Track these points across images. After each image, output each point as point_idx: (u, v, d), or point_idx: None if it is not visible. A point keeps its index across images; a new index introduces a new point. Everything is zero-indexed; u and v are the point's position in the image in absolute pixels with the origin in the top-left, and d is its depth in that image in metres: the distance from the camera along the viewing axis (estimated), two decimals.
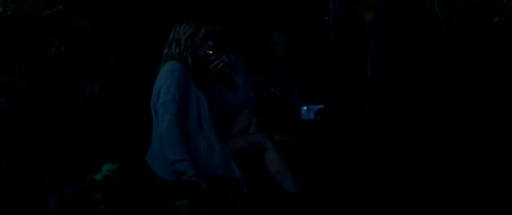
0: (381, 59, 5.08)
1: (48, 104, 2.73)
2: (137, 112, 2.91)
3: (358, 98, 5.65)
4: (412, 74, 5.25)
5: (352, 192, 2.22)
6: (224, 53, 2.20)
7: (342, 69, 5.95)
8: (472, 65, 4.67)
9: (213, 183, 1.60)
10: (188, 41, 2.14)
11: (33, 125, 2.62)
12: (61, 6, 2.55)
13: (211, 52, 2.17)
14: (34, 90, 2.13)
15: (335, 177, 2.54)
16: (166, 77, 2.04)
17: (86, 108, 2.84)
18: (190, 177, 1.82)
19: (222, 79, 2.31)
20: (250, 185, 1.95)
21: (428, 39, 5.65)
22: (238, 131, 2.21)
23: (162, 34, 2.29)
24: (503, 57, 4.77)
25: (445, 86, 4.83)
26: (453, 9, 4.79)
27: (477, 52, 4.63)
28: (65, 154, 2.56)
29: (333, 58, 6.09)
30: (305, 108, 17.36)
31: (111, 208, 1.26)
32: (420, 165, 2.62)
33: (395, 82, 4.98)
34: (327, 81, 6.25)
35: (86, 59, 3.01)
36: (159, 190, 1.39)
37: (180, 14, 3.38)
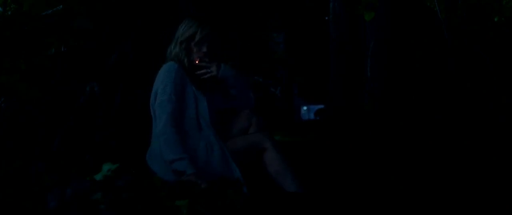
0: (381, 59, 5.08)
1: (48, 104, 2.73)
2: (137, 112, 2.91)
3: (358, 98, 5.65)
4: (412, 74, 5.25)
5: (352, 192, 2.22)
6: (215, 64, 2.19)
7: (342, 69, 5.96)
8: (472, 65, 4.68)
9: (213, 183, 1.60)
10: (183, 44, 2.15)
11: (33, 125, 2.62)
12: (61, 6, 2.55)
13: (197, 61, 2.16)
14: (34, 90, 2.13)
15: (335, 177, 2.54)
16: (162, 78, 2.06)
17: (86, 108, 2.84)
18: (189, 176, 1.82)
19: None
20: (250, 185, 1.95)
21: (428, 39, 5.66)
22: (238, 131, 2.21)
23: (162, 34, 2.29)
24: (503, 57, 4.78)
25: (445, 86, 4.83)
26: (453, 9, 4.79)
27: (477, 52, 4.63)
28: (65, 154, 2.56)
29: (333, 58, 6.10)
30: (305, 107, 17.36)
31: (111, 208, 1.26)
32: (420, 165, 2.62)
33: (395, 82, 4.98)
34: (327, 81, 6.26)
35: (86, 59, 3.00)
36: (159, 190, 1.39)
37: (180, 14, 3.38)
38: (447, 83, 4.82)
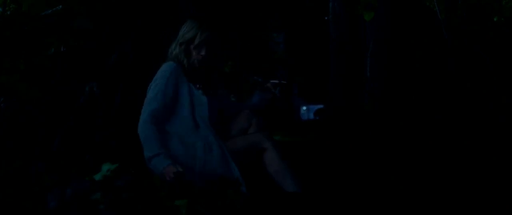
0: (381, 59, 5.08)
1: (48, 104, 2.73)
2: (137, 112, 2.91)
3: (358, 98, 5.64)
4: (412, 74, 5.25)
5: (352, 192, 2.22)
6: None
7: (342, 69, 5.95)
8: (472, 65, 4.67)
9: (212, 183, 1.60)
10: (183, 46, 2.17)
11: (33, 125, 2.63)
12: (60, 6, 2.55)
13: (197, 64, 2.18)
14: (34, 90, 2.14)
15: (335, 177, 2.54)
16: (158, 77, 2.10)
17: (86, 108, 2.84)
18: (166, 168, 1.80)
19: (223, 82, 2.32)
20: (250, 185, 1.95)
21: (428, 39, 5.66)
22: (238, 131, 2.22)
23: (162, 34, 2.30)
24: (503, 57, 4.78)
25: (445, 86, 4.83)
26: (453, 9, 4.79)
27: (477, 52, 4.63)
28: (65, 154, 2.56)
29: (333, 58, 6.09)
30: (304, 107, 17.34)
31: (110, 208, 1.26)
32: (420, 165, 2.62)
33: (395, 82, 4.97)
34: (327, 81, 6.25)
35: (86, 59, 3.01)
36: (159, 190, 1.39)
37: (180, 14, 3.38)
38: (447, 83, 4.82)
